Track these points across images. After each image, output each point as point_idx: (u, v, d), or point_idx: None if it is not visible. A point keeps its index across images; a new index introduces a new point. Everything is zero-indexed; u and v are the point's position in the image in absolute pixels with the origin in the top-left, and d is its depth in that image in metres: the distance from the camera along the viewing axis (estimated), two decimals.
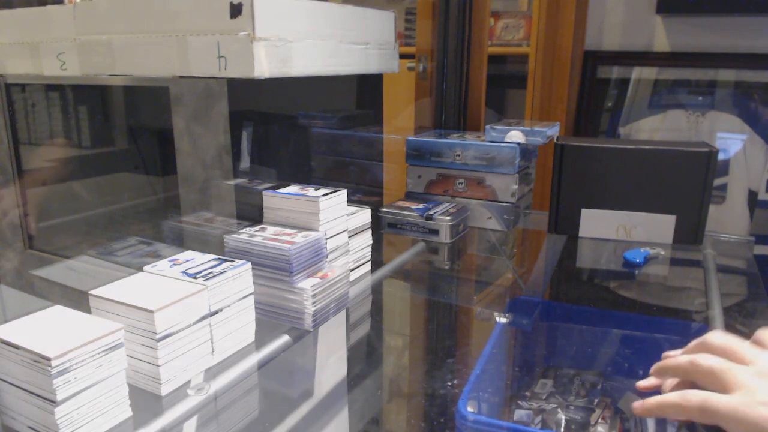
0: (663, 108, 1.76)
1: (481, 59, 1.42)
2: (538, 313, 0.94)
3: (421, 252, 1.11)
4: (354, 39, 0.88)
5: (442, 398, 0.71)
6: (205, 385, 0.63)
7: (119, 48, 0.78)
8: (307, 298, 0.74)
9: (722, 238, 1.17)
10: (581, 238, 1.14)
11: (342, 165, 1.20)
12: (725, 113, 1.70)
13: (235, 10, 0.68)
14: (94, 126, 1.17)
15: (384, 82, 1.20)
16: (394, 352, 0.92)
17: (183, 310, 0.62)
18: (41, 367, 0.50)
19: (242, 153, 0.93)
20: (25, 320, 0.56)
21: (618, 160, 1.09)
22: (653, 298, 1.02)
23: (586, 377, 0.84)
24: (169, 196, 1.03)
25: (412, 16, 2.36)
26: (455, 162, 1.19)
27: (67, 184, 1.21)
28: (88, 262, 1.07)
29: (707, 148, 1.05)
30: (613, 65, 1.83)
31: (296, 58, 0.75)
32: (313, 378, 0.78)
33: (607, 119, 1.87)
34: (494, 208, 1.18)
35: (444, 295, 1.07)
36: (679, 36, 1.73)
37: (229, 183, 0.92)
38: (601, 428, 0.74)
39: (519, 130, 1.15)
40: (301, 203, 0.80)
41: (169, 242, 1.02)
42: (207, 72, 0.71)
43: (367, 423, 0.73)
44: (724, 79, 1.71)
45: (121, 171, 1.16)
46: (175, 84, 0.91)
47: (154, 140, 1.09)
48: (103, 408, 0.54)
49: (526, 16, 2.26)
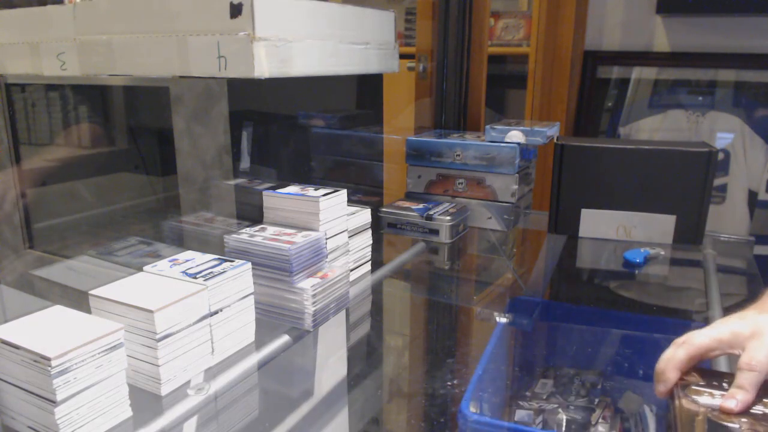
0: (663, 108, 1.76)
1: (481, 59, 1.42)
2: (538, 313, 0.94)
3: (421, 252, 1.11)
4: (354, 39, 0.88)
5: (443, 398, 0.71)
6: (205, 385, 0.63)
7: (119, 48, 0.78)
8: (307, 298, 0.74)
9: (722, 238, 1.17)
10: (581, 238, 1.14)
11: (342, 165, 1.20)
12: (725, 113, 1.70)
13: (235, 10, 0.68)
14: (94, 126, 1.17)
15: (384, 82, 1.20)
16: (394, 352, 0.92)
17: (183, 310, 0.62)
18: (41, 367, 0.50)
19: (242, 153, 0.93)
20: (25, 320, 0.56)
21: (618, 160, 1.09)
22: (653, 298, 1.02)
23: (586, 377, 0.84)
24: (169, 196, 1.03)
25: (412, 16, 2.36)
26: (455, 162, 1.19)
27: (67, 184, 1.21)
28: (88, 262, 1.07)
29: (707, 148, 1.05)
30: (613, 65, 1.83)
31: (296, 58, 0.75)
32: (313, 378, 0.78)
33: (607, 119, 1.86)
34: (494, 208, 1.18)
35: (444, 295, 1.07)
36: (679, 36, 1.73)
37: (229, 183, 0.92)
38: (602, 428, 0.74)
39: (519, 130, 1.15)
40: (301, 203, 0.80)
41: (169, 242, 1.02)
42: (207, 72, 0.71)
43: (367, 423, 0.73)
44: (724, 79, 1.71)
45: (121, 171, 1.16)
46: (175, 84, 0.91)
47: (154, 140, 1.09)
48: (103, 408, 0.54)
49: (526, 16, 2.26)
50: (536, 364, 0.90)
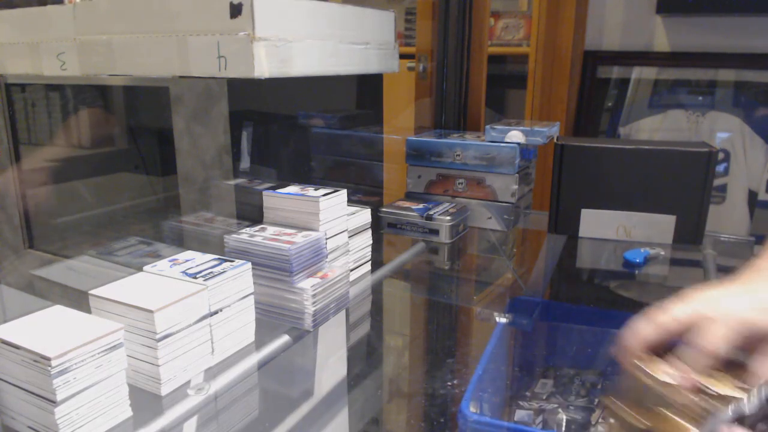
0: (663, 108, 1.76)
1: (481, 59, 1.43)
2: (538, 313, 0.94)
3: (421, 252, 1.11)
4: (354, 39, 0.88)
5: (443, 398, 0.71)
6: (205, 385, 0.63)
7: (119, 48, 0.78)
8: (307, 298, 0.74)
9: (722, 238, 1.17)
10: (581, 238, 1.14)
11: (342, 165, 1.20)
12: (725, 113, 1.70)
13: (235, 10, 0.68)
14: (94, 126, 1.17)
15: (384, 82, 1.20)
16: (394, 352, 0.92)
17: (183, 310, 0.62)
18: (41, 367, 0.50)
19: (242, 153, 0.93)
20: (25, 320, 0.56)
21: (618, 160, 1.09)
22: (653, 298, 1.02)
23: (586, 377, 0.84)
24: (169, 196, 1.03)
25: (412, 16, 2.36)
26: (455, 162, 1.19)
27: (67, 184, 1.21)
28: (88, 262, 1.07)
29: (707, 148, 1.05)
30: (613, 65, 1.83)
31: (296, 58, 0.75)
32: (313, 378, 0.78)
33: (607, 119, 1.87)
34: (494, 208, 1.18)
35: (444, 295, 1.07)
36: (679, 36, 1.73)
37: (229, 183, 0.92)
38: (602, 428, 0.74)
39: (519, 130, 1.15)
40: (301, 203, 0.80)
41: (169, 242, 1.02)
42: (207, 72, 0.71)
43: (367, 423, 0.73)
44: (724, 79, 1.71)
45: (121, 171, 1.16)
46: (175, 84, 0.91)
47: (154, 140, 1.09)
48: (103, 408, 0.54)
49: (526, 16, 2.26)
50: (536, 364, 0.90)
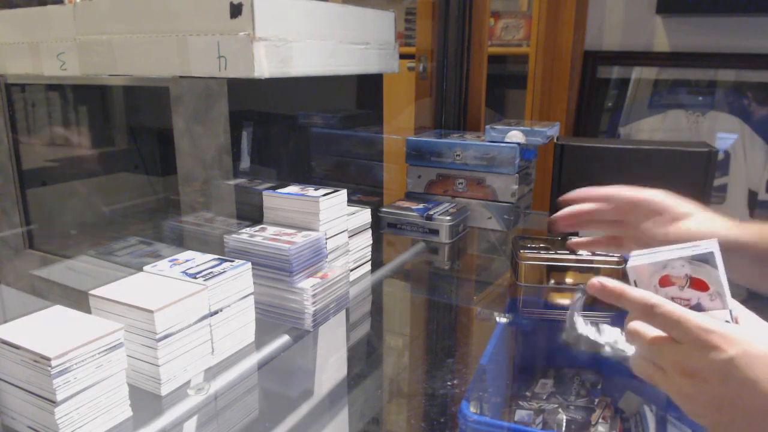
0: (663, 108, 1.76)
1: (481, 59, 1.42)
2: (538, 313, 0.94)
3: (421, 252, 1.11)
4: (354, 39, 0.88)
5: (443, 398, 0.71)
6: (205, 385, 0.63)
7: (119, 48, 0.78)
8: (307, 298, 0.74)
9: None
10: None
11: (342, 165, 1.19)
12: (725, 113, 1.70)
13: (235, 10, 0.68)
14: (94, 126, 1.17)
15: (384, 82, 1.20)
16: (394, 352, 0.92)
17: (183, 310, 0.62)
18: (41, 367, 0.50)
19: (242, 153, 0.93)
20: (25, 320, 0.56)
21: (618, 160, 1.09)
22: None
23: (586, 377, 0.84)
24: (169, 196, 1.03)
25: (412, 16, 2.36)
26: (455, 162, 1.19)
27: (67, 184, 1.21)
28: (88, 262, 1.07)
29: (707, 148, 1.05)
30: (613, 65, 1.83)
31: (296, 58, 0.75)
32: (313, 378, 0.78)
33: (607, 119, 1.86)
34: (494, 208, 1.18)
35: (444, 295, 1.07)
36: (679, 36, 1.73)
37: (229, 183, 0.92)
38: (602, 428, 0.74)
39: (519, 130, 1.15)
40: (301, 203, 0.80)
41: (169, 242, 1.02)
42: (207, 72, 0.71)
43: (368, 423, 0.73)
44: (724, 79, 1.71)
45: (121, 171, 1.16)
46: (175, 84, 0.91)
47: (154, 140, 1.09)
48: (103, 408, 0.54)
49: (526, 16, 2.26)
50: (536, 364, 0.90)
